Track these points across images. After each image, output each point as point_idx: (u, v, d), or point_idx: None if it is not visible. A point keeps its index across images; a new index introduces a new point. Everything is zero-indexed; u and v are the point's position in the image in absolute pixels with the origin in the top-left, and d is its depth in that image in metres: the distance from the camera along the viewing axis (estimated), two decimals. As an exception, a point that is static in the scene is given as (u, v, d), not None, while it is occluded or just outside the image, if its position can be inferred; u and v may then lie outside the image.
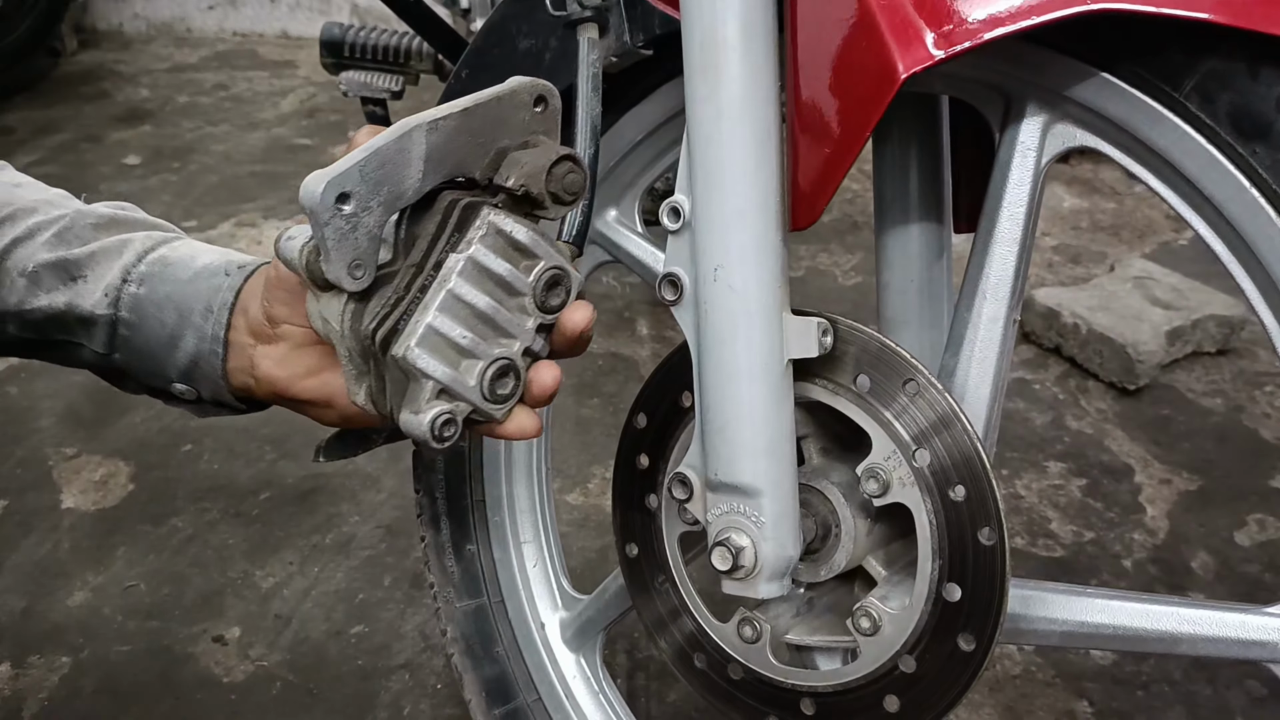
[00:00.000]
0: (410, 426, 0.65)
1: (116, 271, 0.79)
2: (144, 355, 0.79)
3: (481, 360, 0.66)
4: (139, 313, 0.78)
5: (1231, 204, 0.65)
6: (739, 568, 0.72)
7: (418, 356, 0.64)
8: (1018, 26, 0.62)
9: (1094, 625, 0.73)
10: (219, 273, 0.79)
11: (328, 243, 0.62)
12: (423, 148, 0.63)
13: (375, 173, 0.61)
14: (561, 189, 0.66)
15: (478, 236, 0.65)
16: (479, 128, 0.65)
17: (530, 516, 1.05)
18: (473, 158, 0.65)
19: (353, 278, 0.63)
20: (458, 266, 0.64)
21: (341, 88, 1.80)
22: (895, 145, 0.85)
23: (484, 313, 0.65)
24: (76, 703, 1.39)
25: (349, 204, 0.61)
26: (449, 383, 0.65)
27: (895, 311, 0.89)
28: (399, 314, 0.64)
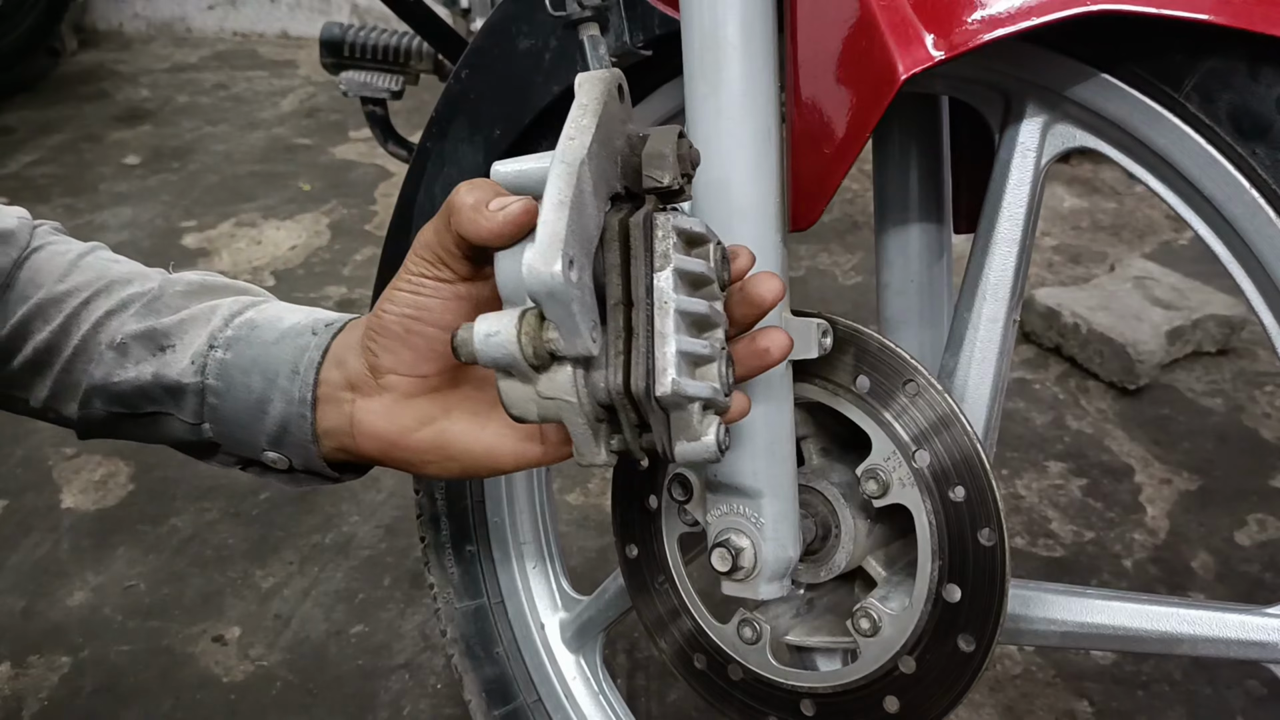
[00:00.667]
0: (696, 454, 0.61)
1: (204, 338, 0.76)
2: (233, 423, 0.76)
3: (716, 361, 0.63)
4: (226, 379, 0.75)
5: (1231, 204, 0.65)
6: (739, 569, 0.72)
7: (685, 386, 0.59)
8: (1018, 27, 0.62)
9: (1094, 626, 0.73)
10: (305, 332, 0.75)
11: (575, 315, 0.56)
12: (590, 181, 0.58)
13: (576, 224, 0.56)
14: (691, 165, 0.63)
15: (670, 245, 0.61)
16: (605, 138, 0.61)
17: (530, 517, 1.05)
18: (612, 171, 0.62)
19: (593, 340, 0.58)
20: (670, 284, 0.60)
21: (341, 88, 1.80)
22: (895, 145, 0.85)
23: (704, 315, 0.62)
24: (76, 703, 1.39)
25: (574, 269, 0.56)
26: (710, 396, 0.61)
27: (895, 311, 0.89)
28: (644, 355, 0.60)
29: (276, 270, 2.54)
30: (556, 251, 0.54)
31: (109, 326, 0.78)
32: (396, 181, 2.90)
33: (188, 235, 2.72)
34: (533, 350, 0.58)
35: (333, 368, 0.73)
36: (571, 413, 0.60)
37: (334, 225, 2.75)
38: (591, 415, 0.61)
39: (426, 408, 0.70)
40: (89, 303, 0.79)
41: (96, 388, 0.78)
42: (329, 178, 3.04)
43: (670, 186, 0.62)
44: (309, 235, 2.70)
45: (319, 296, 2.41)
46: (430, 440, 0.70)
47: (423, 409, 0.70)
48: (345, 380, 0.72)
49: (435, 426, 0.70)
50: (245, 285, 0.83)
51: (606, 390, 0.60)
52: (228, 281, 0.83)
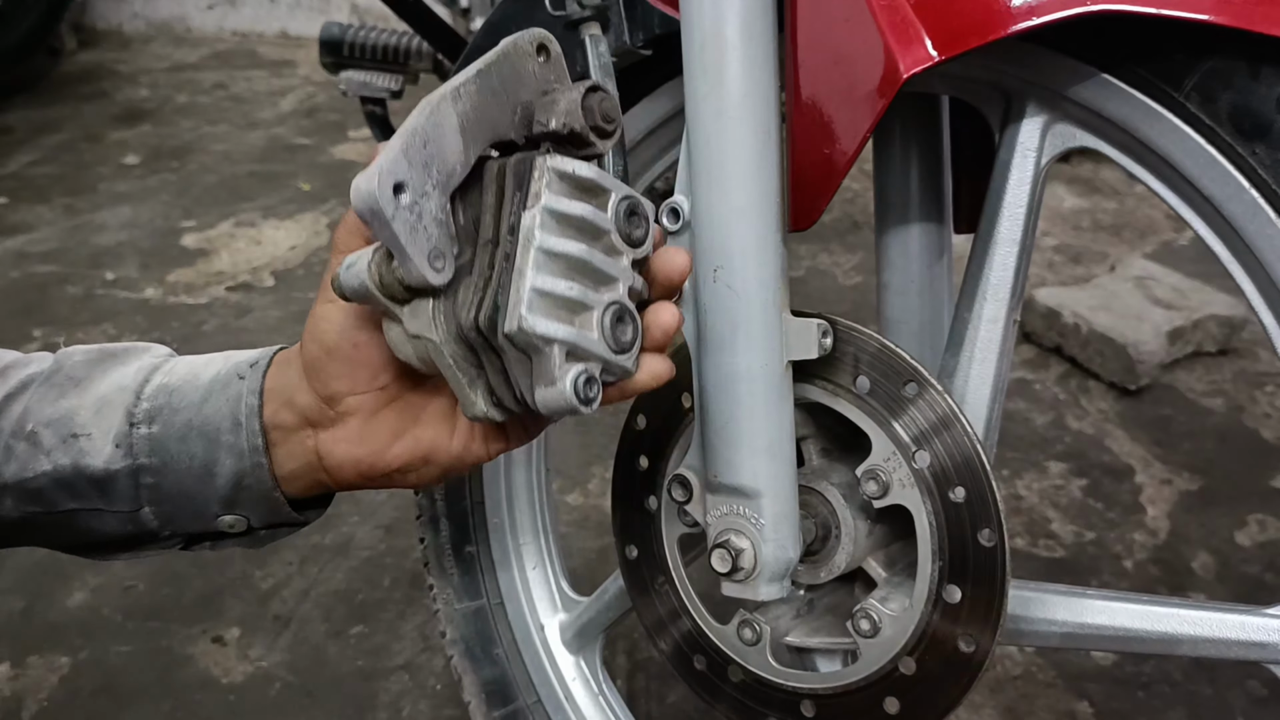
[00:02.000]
0: (551, 400, 0.59)
1: (119, 418, 0.69)
2: (178, 497, 0.70)
3: (595, 309, 0.60)
4: (161, 453, 0.69)
5: (1231, 204, 0.65)
6: (739, 569, 0.72)
7: (534, 323, 0.58)
8: (1018, 27, 0.61)
9: (1095, 626, 0.73)
10: (231, 380, 0.70)
11: (399, 239, 0.57)
12: (454, 119, 0.59)
13: (420, 154, 0.58)
14: (600, 119, 0.62)
15: (544, 186, 0.60)
16: (498, 87, 0.61)
17: (530, 518, 1.05)
18: (502, 119, 0.61)
19: (435, 270, 0.59)
20: (536, 221, 0.59)
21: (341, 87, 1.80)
22: (895, 145, 0.85)
23: (579, 259, 0.60)
24: (76, 703, 1.39)
25: (406, 193, 0.57)
26: (574, 340, 0.59)
27: (895, 312, 0.89)
28: (495, 291, 0.59)
29: (276, 270, 2.54)
30: (377, 173, 0.56)
31: (10, 412, 0.71)
32: (396, 181, 2.89)
33: (187, 235, 2.72)
34: (379, 278, 0.60)
35: (281, 409, 0.69)
36: (436, 353, 0.61)
37: (333, 225, 2.75)
38: (457, 356, 0.61)
39: (395, 420, 0.68)
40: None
41: (8, 485, 0.70)
42: (328, 177, 3.04)
43: (557, 130, 0.61)
44: (309, 235, 2.70)
45: (319, 296, 2.40)
46: (408, 451, 0.68)
47: (392, 422, 0.68)
48: (300, 419, 0.68)
49: (409, 436, 0.68)
50: (145, 346, 0.76)
51: (460, 325, 0.59)
52: (127, 345, 0.76)
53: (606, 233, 0.61)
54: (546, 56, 0.64)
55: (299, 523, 0.73)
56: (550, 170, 0.60)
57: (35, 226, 2.73)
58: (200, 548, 0.75)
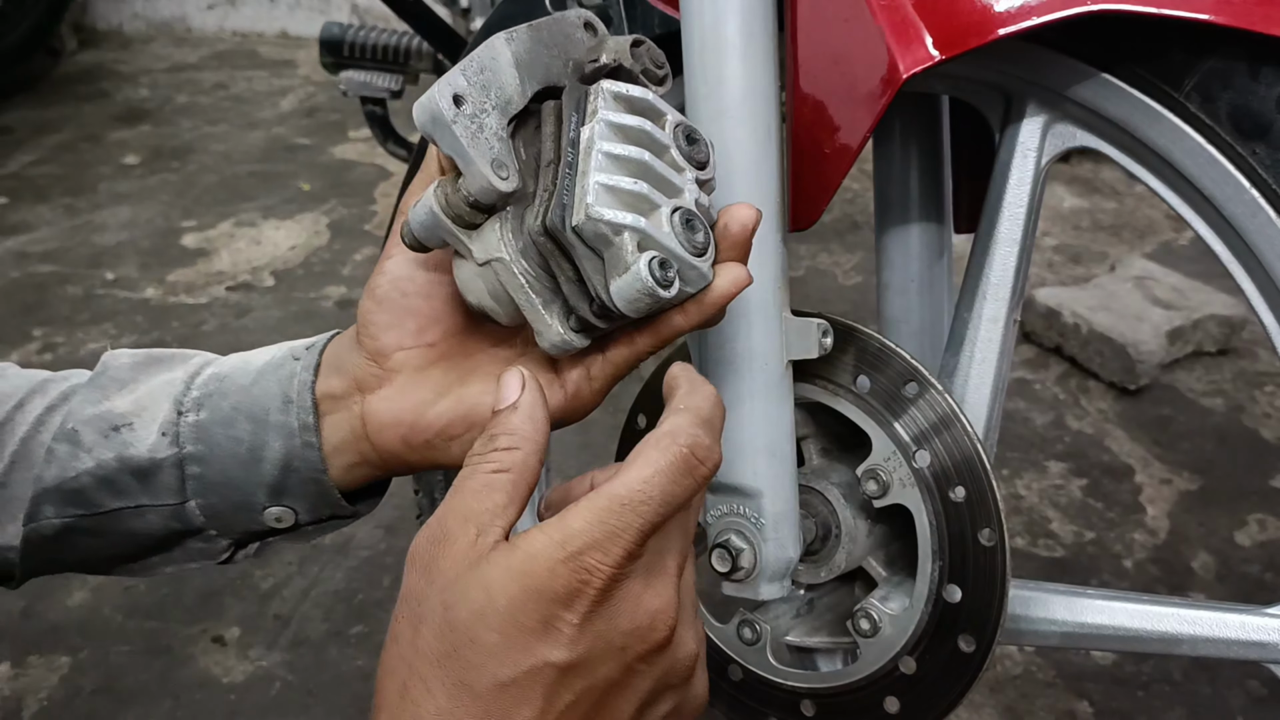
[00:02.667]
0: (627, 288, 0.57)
1: (168, 407, 0.67)
2: (224, 488, 0.68)
3: (664, 208, 0.58)
4: (206, 440, 0.67)
5: (1231, 204, 0.65)
6: (739, 569, 0.72)
7: (601, 211, 0.56)
8: (1018, 27, 0.61)
9: (1094, 626, 0.73)
10: (286, 361, 0.68)
11: (462, 142, 0.57)
12: (509, 55, 0.60)
13: (478, 77, 0.58)
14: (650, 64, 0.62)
15: (600, 105, 0.59)
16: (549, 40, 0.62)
17: (529, 518, 1.05)
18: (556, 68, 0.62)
19: (500, 176, 0.58)
20: (596, 131, 0.58)
21: (341, 87, 1.80)
22: (895, 145, 0.85)
23: (642, 163, 0.59)
24: (76, 703, 1.39)
25: (466, 104, 0.57)
26: (644, 228, 0.57)
27: (895, 311, 0.89)
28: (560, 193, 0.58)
29: (276, 270, 2.54)
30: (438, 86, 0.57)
31: (51, 422, 0.69)
32: (396, 181, 2.90)
33: (187, 235, 2.72)
34: (445, 201, 0.59)
35: (332, 375, 0.67)
36: (507, 274, 0.59)
37: (334, 225, 2.75)
38: (528, 275, 0.59)
39: (441, 377, 0.66)
40: (22, 405, 0.70)
41: (47, 491, 0.67)
42: (328, 177, 3.04)
43: (609, 64, 0.61)
44: (309, 235, 2.70)
45: (318, 296, 2.41)
46: (450, 410, 0.65)
47: (437, 379, 0.66)
48: (349, 384, 0.67)
49: (453, 395, 0.65)
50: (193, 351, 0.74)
51: (527, 235, 0.58)
52: (174, 351, 0.74)
53: (667, 148, 0.60)
54: (593, 32, 0.64)
55: (348, 515, 0.71)
56: (606, 91, 0.60)
57: (35, 226, 2.73)
58: (246, 552, 0.73)
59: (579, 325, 0.60)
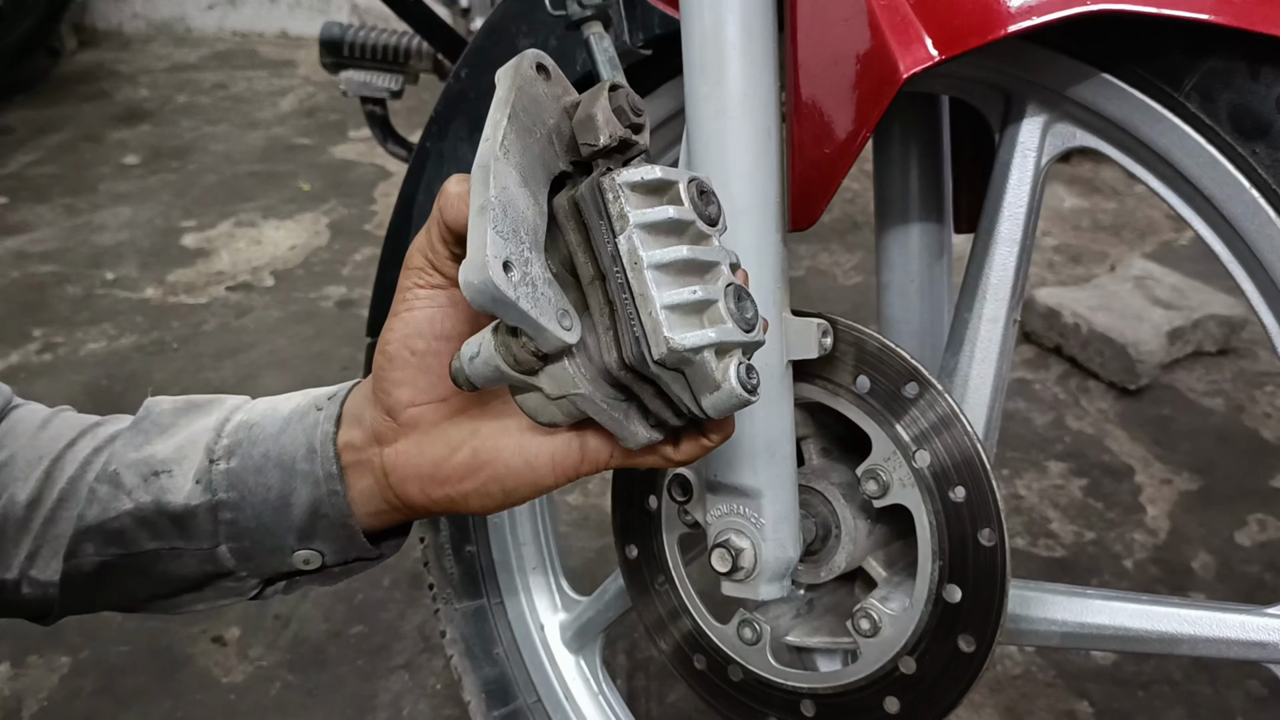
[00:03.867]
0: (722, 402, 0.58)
1: (201, 454, 0.70)
2: (255, 533, 0.70)
3: (719, 301, 0.59)
4: (239, 487, 0.69)
5: (1231, 204, 0.65)
6: (739, 569, 0.72)
7: (682, 340, 0.57)
8: (1018, 27, 0.61)
9: (1095, 626, 0.73)
10: (309, 410, 0.71)
11: (530, 315, 0.56)
12: (515, 175, 0.58)
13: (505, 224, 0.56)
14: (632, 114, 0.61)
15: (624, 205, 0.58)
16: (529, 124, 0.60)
17: (530, 517, 1.05)
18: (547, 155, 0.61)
19: (565, 329, 0.57)
20: (635, 243, 0.58)
21: (341, 87, 1.79)
22: (895, 145, 0.85)
23: (687, 260, 0.59)
24: (76, 703, 1.39)
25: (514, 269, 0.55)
26: (719, 337, 0.58)
27: (895, 311, 0.89)
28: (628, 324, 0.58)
29: (276, 270, 2.54)
30: (483, 259, 0.54)
31: (95, 464, 0.71)
32: (396, 181, 2.89)
33: (187, 235, 2.72)
34: (514, 359, 0.58)
35: (352, 427, 0.69)
36: (588, 404, 0.60)
37: (333, 225, 2.75)
38: (610, 398, 0.60)
39: (455, 432, 0.67)
40: (73, 444, 0.73)
41: (89, 529, 0.70)
42: (328, 177, 3.04)
43: (607, 145, 0.60)
44: (308, 235, 2.70)
45: (318, 296, 2.41)
46: (467, 463, 0.66)
47: (451, 435, 0.67)
48: (367, 437, 0.68)
49: (468, 448, 0.66)
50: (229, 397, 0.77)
51: (605, 370, 0.58)
52: (213, 397, 0.76)
53: (691, 223, 0.60)
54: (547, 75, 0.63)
55: (374, 557, 0.73)
56: (621, 186, 0.59)
57: (35, 226, 2.73)
58: (274, 590, 0.75)
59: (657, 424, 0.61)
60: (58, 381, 2.08)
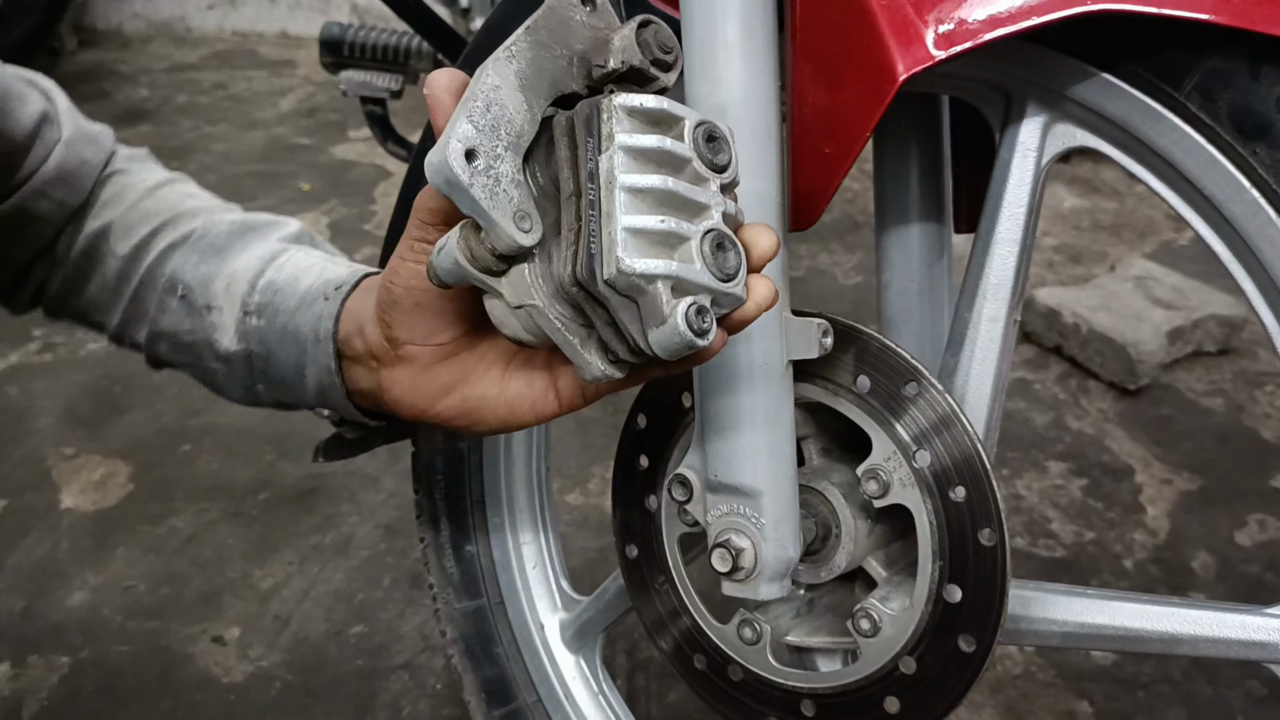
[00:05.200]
0: (665, 340, 0.56)
1: (238, 305, 0.80)
2: (280, 387, 0.80)
3: (692, 240, 0.58)
4: (265, 345, 0.79)
5: (1231, 204, 0.65)
6: (739, 569, 0.72)
7: (632, 262, 0.55)
8: (1018, 27, 0.61)
9: (1095, 626, 0.73)
10: (318, 298, 0.77)
11: (481, 204, 0.56)
12: (512, 78, 0.58)
13: (485, 118, 0.57)
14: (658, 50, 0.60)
15: (614, 126, 0.58)
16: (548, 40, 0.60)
17: (530, 517, 1.05)
18: (560, 72, 0.60)
19: (523, 230, 0.57)
20: (614, 162, 0.57)
21: (341, 87, 1.80)
22: (895, 145, 0.85)
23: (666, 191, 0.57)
24: (76, 703, 1.39)
25: (479, 158, 0.56)
26: (677, 273, 0.56)
27: (895, 311, 0.89)
28: (586, 240, 0.57)
29: (276, 270, 2.53)
30: (447, 140, 0.55)
31: (171, 260, 0.82)
32: (396, 181, 2.89)
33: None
34: (471, 254, 0.58)
35: (354, 334, 0.74)
36: (543, 318, 0.59)
37: (334, 225, 2.75)
38: (564, 318, 0.59)
39: (447, 376, 0.70)
40: (157, 233, 0.83)
41: (163, 334, 0.83)
42: (328, 177, 3.04)
43: (616, 69, 0.59)
44: (309, 235, 2.70)
45: (319, 296, 2.40)
46: (455, 407, 0.70)
47: (443, 377, 0.70)
48: (367, 349, 0.73)
49: (458, 394, 0.70)
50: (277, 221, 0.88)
51: (560, 285, 0.58)
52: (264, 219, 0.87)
53: (689, 161, 0.59)
54: (593, 6, 0.63)
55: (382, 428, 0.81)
56: (618, 108, 0.58)
57: (35, 226, 2.73)
58: None
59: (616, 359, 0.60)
60: (58, 381, 2.08)
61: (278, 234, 0.85)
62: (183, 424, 1.94)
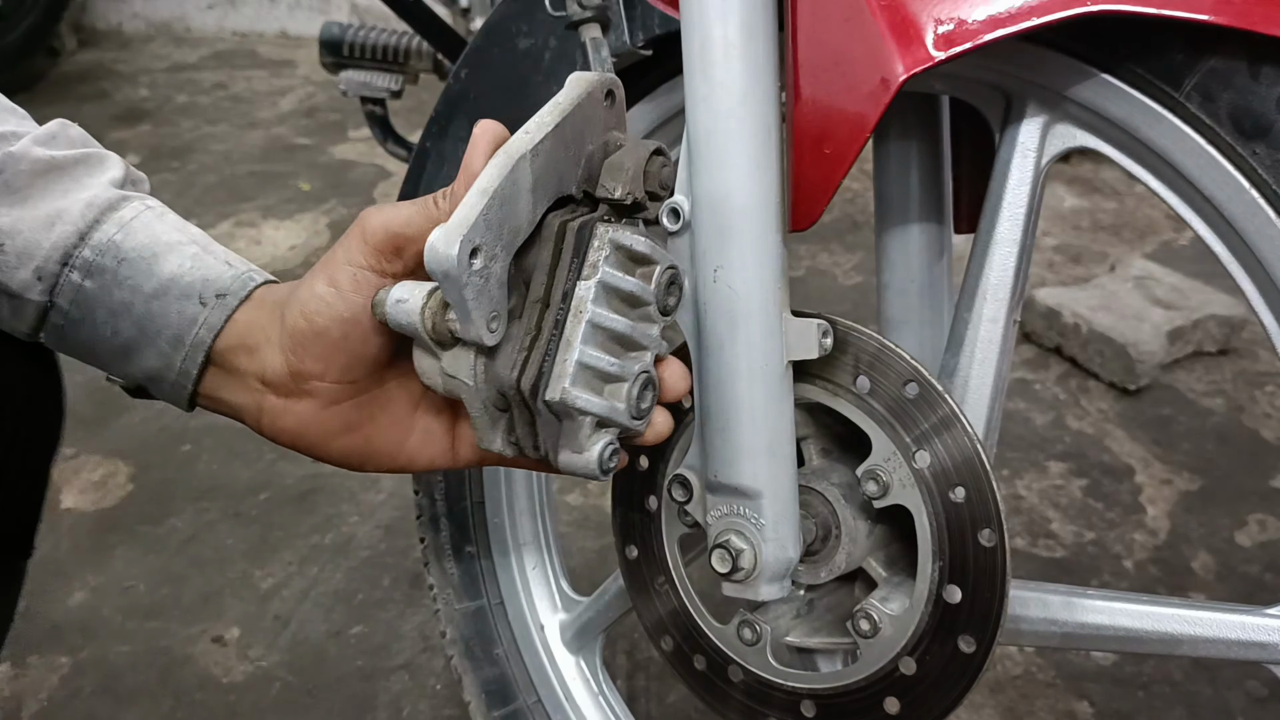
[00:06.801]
0: (575, 466, 0.62)
1: (52, 251, 0.65)
2: (81, 352, 0.68)
3: (626, 382, 0.63)
4: (84, 309, 0.65)
5: (1231, 204, 0.65)
6: (739, 570, 0.72)
7: (575, 397, 0.60)
8: (1018, 27, 0.61)
9: (1095, 626, 0.73)
10: (191, 297, 0.66)
11: (466, 303, 0.57)
12: (529, 178, 0.59)
13: (497, 214, 0.57)
14: (659, 185, 0.63)
15: (602, 258, 0.61)
16: (569, 139, 0.61)
17: (530, 518, 1.05)
18: (568, 173, 0.62)
19: (490, 331, 0.59)
20: (590, 294, 0.60)
21: (341, 87, 1.80)
22: (895, 145, 0.85)
23: (623, 334, 0.62)
24: (76, 703, 1.39)
25: (479, 258, 0.56)
26: (606, 414, 0.62)
27: (895, 312, 0.89)
28: (541, 356, 0.60)
29: (275, 270, 2.53)
30: (459, 236, 0.55)
31: None
32: (396, 181, 2.89)
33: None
34: (432, 326, 0.60)
35: (240, 351, 0.66)
36: (470, 396, 0.62)
37: (333, 225, 2.75)
38: (490, 403, 0.62)
39: (350, 415, 0.66)
40: None
41: None
42: (328, 177, 3.04)
43: (621, 200, 0.62)
44: (308, 235, 2.70)
45: (319, 296, 2.40)
46: (352, 447, 0.67)
47: (346, 416, 0.66)
48: (256, 371, 0.66)
49: (360, 434, 0.67)
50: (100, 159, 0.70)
51: (501, 383, 0.61)
52: (79, 155, 0.69)
53: (649, 304, 0.63)
54: (612, 102, 0.65)
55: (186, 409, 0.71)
56: (610, 241, 0.61)
57: (35, 226, 2.73)
58: None
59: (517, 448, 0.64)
60: (57, 381, 2.08)
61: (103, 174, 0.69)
62: (183, 424, 1.94)
